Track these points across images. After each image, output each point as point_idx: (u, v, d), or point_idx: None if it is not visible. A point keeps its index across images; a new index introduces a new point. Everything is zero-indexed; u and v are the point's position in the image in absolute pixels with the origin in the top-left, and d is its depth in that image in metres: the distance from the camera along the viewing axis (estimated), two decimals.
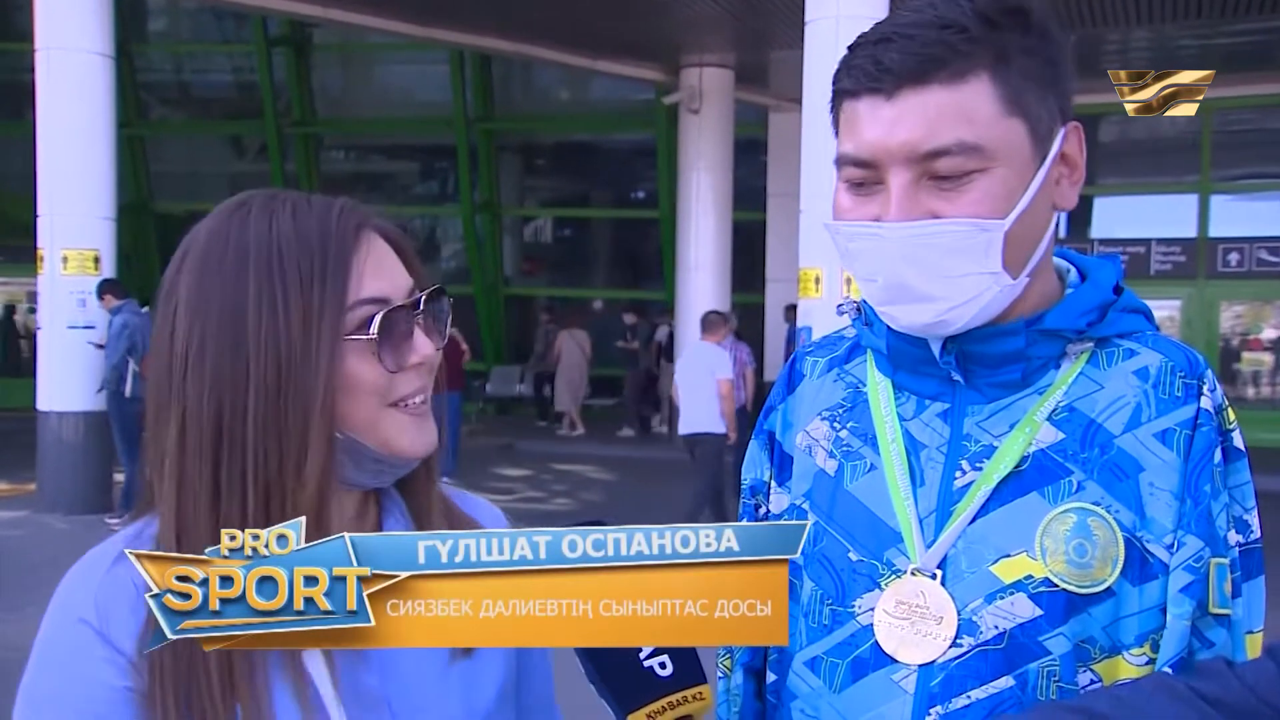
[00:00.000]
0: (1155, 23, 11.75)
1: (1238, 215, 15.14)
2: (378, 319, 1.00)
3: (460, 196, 17.95)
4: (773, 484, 1.26)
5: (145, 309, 8.89)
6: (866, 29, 1.09)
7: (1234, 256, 14.71)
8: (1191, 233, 14.94)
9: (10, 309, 18.17)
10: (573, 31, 13.19)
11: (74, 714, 0.95)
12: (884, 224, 1.05)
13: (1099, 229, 15.28)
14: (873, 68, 1.04)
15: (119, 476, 9.06)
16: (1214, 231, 14.90)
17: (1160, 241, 14.87)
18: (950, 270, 1.04)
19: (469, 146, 17.53)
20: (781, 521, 1.26)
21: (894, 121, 1.03)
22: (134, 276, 15.65)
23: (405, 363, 1.03)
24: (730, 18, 12.14)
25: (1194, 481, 1.05)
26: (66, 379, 9.35)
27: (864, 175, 1.07)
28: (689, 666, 1.04)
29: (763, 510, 1.26)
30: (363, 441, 1.02)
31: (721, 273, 14.35)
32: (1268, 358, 15.33)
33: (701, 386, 8.24)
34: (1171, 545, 1.04)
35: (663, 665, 1.03)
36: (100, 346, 9.10)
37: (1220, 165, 15.01)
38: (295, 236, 1.00)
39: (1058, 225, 1.13)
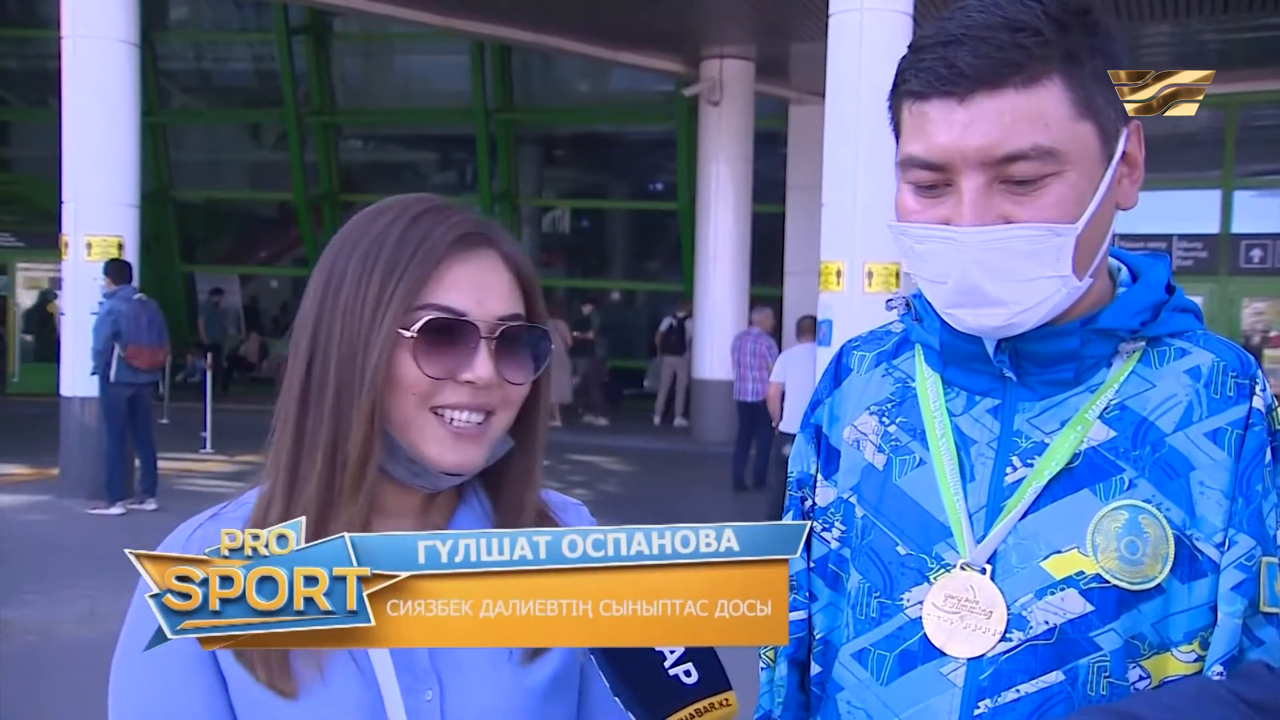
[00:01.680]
0: (1180, 17, 11.64)
1: (1261, 211, 15.00)
2: (421, 321, 1.05)
3: (479, 187, 17.97)
4: (819, 477, 1.26)
5: (139, 296, 8.72)
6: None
7: (1256, 253, 14.57)
8: (1214, 228, 14.81)
9: (37, 295, 18.25)
10: (593, 22, 13.18)
11: (161, 669, 1.02)
12: (958, 228, 1.04)
13: (1120, 224, 15.06)
14: (945, 70, 1.03)
15: (138, 462, 9.11)
16: (1236, 227, 14.77)
17: (1182, 237, 14.74)
18: (1022, 274, 1.05)
19: (488, 137, 17.54)
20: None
21: (967, 125, 1.03)
22: (155, 264, 15.73)
23: (456, 375, 1.06)
24: (752, 9, 12.10)
25: (1246, 480, 1.06)
26: (89, 365, 9.38)
27: (933, 178, 1.07)
28: (714, 673, 1.03)
29: (809, 503, 1.26)
30: (397, 438, 1.07)
31: (740, 265, 14.32)
32: None
33: (810, 386, 8.12)
34: (1222, 544, 1.05)
35: (688, 674, 1.02)
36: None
37: (1244, 161, 14.87)
38: (400, 236, 1.07)
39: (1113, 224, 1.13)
